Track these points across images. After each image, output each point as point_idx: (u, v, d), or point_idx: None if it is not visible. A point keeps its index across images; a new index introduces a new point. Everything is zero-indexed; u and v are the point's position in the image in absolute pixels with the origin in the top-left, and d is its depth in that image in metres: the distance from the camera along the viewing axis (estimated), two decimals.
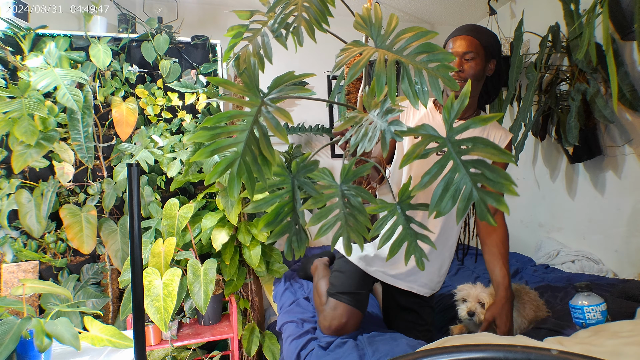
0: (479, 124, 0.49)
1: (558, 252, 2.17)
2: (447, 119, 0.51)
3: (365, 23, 0.57)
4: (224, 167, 0.52)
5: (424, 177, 0.51)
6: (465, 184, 0.48)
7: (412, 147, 0.52)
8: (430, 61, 0.53)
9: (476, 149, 0.48)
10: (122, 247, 1.90)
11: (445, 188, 0.49)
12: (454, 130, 0.52)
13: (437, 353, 0.28)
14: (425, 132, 0.53)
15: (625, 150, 1.90)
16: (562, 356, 0.26)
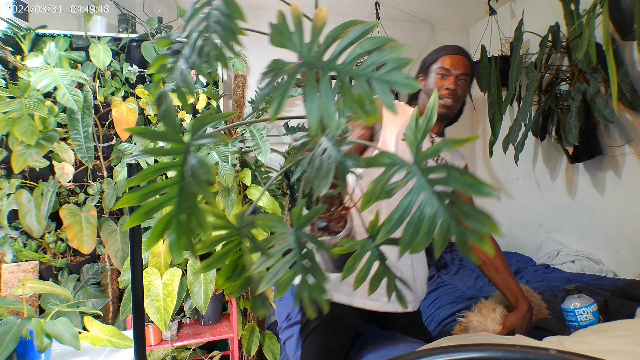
0: (450, 145, 0.42)
1: (558, 252, 2.17)
2: (412, 141, 0.43)
3: (283, 34, 0.43)
4: (160, 230, 0.45)
5: (393, 213, 0.44)
6: (441, 218, 0.41)
7: (373, 184, 0.44)
8: (374, 65, 0.42)
9: (451, 180, 0.41)
10: (122, 247, 1.90)
11: (417, 223, 0.42)
12: (422, 155, 0.43)
13: (436, 353, 0.28)
14: (389, 160, 0.44)
15: (625, 150, 1.90)
16: (560, 355, 0.26)
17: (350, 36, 0.42)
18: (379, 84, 0.40)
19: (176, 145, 0.46)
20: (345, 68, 0.41)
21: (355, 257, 0.54)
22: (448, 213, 0.41)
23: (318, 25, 0.44)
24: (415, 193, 0.43)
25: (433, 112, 0.45)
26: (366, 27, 0.42)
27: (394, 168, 0.44)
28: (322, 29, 0.44)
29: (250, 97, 2.57)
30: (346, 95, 0.40)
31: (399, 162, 0.44)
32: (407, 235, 0.42)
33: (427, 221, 0.42)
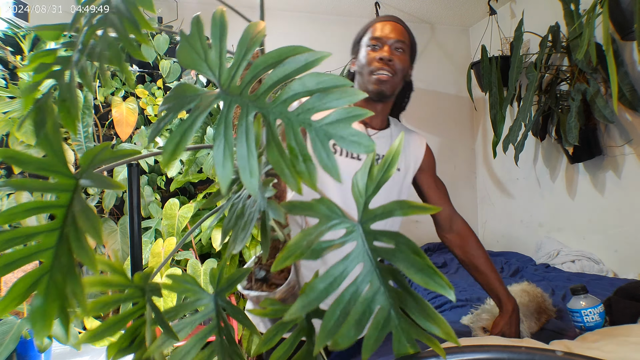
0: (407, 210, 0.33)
1: (558, 252, 2.17)
2: (360, 193, 0.34)
3: (195, 49, 0.32)
4: (22, 290, 0.32)
5: (317, 282, 0.33)
6: (380, 303, 0.32)
7: (299, 237, 0.33)
8: (314, 110, 0.30)
9: (398, 257, 0.32)
10: (122, 247, 1.89)
11: (347, 304, 0.32)
12: (370, 214, 0.34)
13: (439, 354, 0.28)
14: (326, 211, 0.33)
15: (625, 150, 1.90)
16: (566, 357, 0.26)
17: (289, 67, 0.31)
18: (318, 137, 0.29)
19: (62, 180, 0.34)
20: (276, 108, 0.30)
21: (278, 327, 0.40)
22: (390, 299, 0.32)
23: (248, 44, 0.32)
24: (352, 261, 0.33)
25: (394, 160, 0.34)
26: (311, 57, 0.30)
27: (331, 222, 0.33)
28: (252, 50, 0.32)
29: None
30: (271, 145, 0.29)
31: (340, 216, 0.33)
32: (332, 318, 0.32)
33: (362, 303, 0.32)
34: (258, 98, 0.31)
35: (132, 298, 0.40)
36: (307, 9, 2.69)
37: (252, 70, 0.32)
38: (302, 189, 0.29)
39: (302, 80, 0.30)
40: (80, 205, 0.34)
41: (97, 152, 0.35)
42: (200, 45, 0.33)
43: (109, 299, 0.38)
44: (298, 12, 2.72)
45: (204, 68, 0.32)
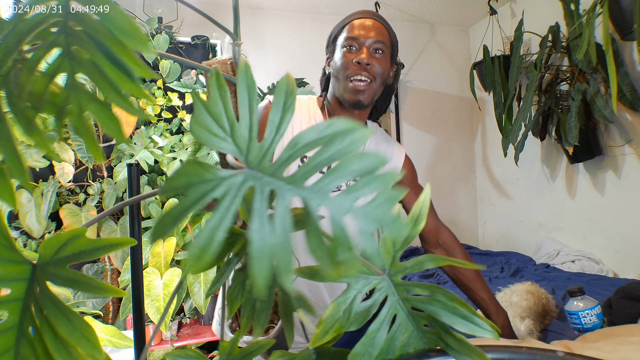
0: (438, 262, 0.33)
1: (558, 252, 2.17)
2: (388, 248, 0.33)
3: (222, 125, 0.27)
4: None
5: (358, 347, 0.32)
6: (416, 347, 0.33)
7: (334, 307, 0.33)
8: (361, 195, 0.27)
9: (436, 305, 0.32)
10: None
11: (386, 355, 0.32)
12: (400, 267, 0.33)
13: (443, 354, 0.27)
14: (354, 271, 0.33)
15: (625, 150, 1.90)
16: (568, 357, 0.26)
17: (335, 147, 0.26)
18: (364, 224, 0.25)
19: (12, 268, 0.27)
20: (318, 194, 0.26)
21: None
22: (425, 339, 0.32)
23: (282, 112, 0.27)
24: (387, 317, 0.33)
25: (422, 214, 0.33)
26: (356, 137, 0.26)
27: (361, 283, 0.32)
28: (287, 118, 0.27)
29: None
30: (312, 234, 0.25)
31: (367, 274, 0.32)
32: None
33: (399, 350, 0.32)
34: (296, 181, 0.26)
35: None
36: (307, 9, 2.69)
37: (290, 148, 0.26)
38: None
39: (346, 163, 0.26)
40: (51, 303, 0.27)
41: (63, 241, 0.26)
42: (226, 116, 0.26)
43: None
44: (298, 12, 2.72)
45: (229, 145, 0.26)
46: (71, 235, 0.27)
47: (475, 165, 3.05)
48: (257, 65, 2.64)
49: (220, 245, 0.24)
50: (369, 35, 0.92)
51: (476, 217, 3.03)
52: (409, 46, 2.90)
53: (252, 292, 0.37)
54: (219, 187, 0.25)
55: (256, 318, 0.36)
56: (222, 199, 0.25)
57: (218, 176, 0.25)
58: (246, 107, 0.27)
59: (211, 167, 0.25)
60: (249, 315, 0.36)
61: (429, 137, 2.95)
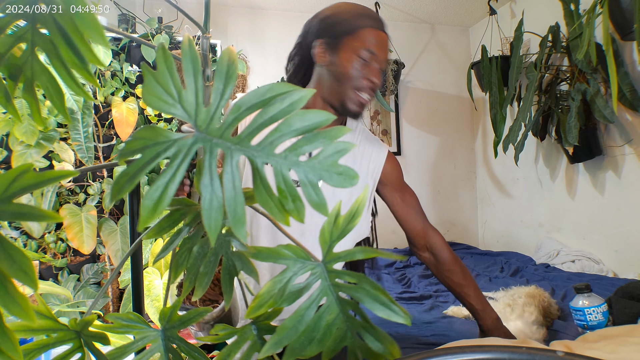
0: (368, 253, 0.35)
1: (558, 252, 2.17)
2: (326, 239, 0.35)
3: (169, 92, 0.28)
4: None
5: (288, 322, 0.36)
6: (338, 326, 0.36)
7: (270, 285, 0.35)
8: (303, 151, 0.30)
9: (361, 292, 0.35)
10: (122, 247, 1.89)
11: (312, 332, 0.35)
12: (333, 256, 0.36)
13: (441, 354, 0.28)
14: (292, 255, 0.35)
15: (625, 150, 1.90)
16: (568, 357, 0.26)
17: (275, 109, 0.29)
18: (308, 178, 0.29)
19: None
20: (262, 152, 0.29)
21: (231, 347, 0.42)
22: (348, 322, 0.36)
23: (225, 79, 0.29)
24: (316, 299, 0.36)
25: (359, 210, 0.35)
26: (296, 97, 0.29)
27: (297, 267, 0.35)
28: (230, 85, 0.29)
29: None
30: (259, 188, 0.29)
31: (304, 259, 0.36)
32: (298, 342, 0.35)
33: (324, 329, 0.36)
34: (242, 141, 0.29)
35: (62, 342, 0.37)
36: (307, 9, 2.69)
37: (234, 112, 0.29)
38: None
39: (288, 122, 0.29)
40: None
41: (12, 177, 0.27)
42: (173, 84, 0.28)
43: (37, 345, 0.35)
44: (298, 12, 2.72)
45: (178, 111, 0.29)
46: (20, 170, 0.27)
47: (476, 165, 3.05)
48: (257, 65, 2.64)
49: (170, 199, 0.27)
50: (383, 55, 0.90)
51: (476, 217, 3.03)
52: (409, 46, 2.91)
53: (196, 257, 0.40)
54: (170, 148, 0.28)
55: (198, 281, 0.39)
56: (173, 158, 0.28)
57: (170, 138, 0.28)
58: (191, 76, 0.29)
59: (164, 131, 0.28)
60: (191, 280, 0.39)
61: (429, 137, 2.95)
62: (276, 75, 2.62)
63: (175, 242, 0.42)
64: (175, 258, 0.41)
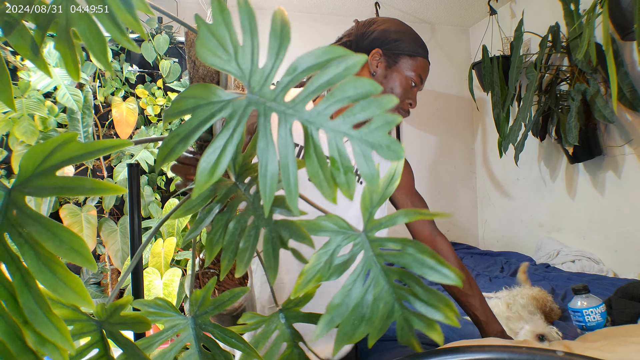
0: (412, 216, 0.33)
1: (558, 252, 2.17)
2: (367, 206, 0.34)
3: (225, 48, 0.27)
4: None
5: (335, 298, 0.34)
6: (386, 301, 0.34)
7: (315, 258, 0.34)
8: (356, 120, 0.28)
9: (407, 258, 0.33)
10: (122, 247, 1.89)
11: (360, 309, 0.33)
12: (374, 223, 0.34)
13: (442, 354, 0.28)
14: (334, 226, 0.34)
15: (625, 150, 1.90)
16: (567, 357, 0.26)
17: (331, 72, 0.28)
18: (361, 148, 0.28)
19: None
20: (317, 117, 0.27)
21: (259, 337, 0.40)
22: (394, 294, 0.34)
23: (280, 41, 0.28)
24: (362, 270, 0.34)
25: (396, 176, 0.34)
26: (351, 61, 0.27)
27: (340, 238, 0.34)
28: (285, 46, 0.29)
29: None
30: (312, 157, 0.27)
31: (346, 229, 0.34)
32: (348, 323, 0.33)
33: (371, 305, 0.34)
34: (297, 105, 0.28)
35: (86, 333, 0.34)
36: (307, 9, 2.69)
37: (290, 73, 0.28)
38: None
39: (343, 87, 0.27)
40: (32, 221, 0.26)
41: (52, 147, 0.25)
42: (230, 39, 0.26)
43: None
44: (298, 12, 2.73)
45: (233, 68, 0.27)
46: (61, 140, 0.25)
47: (476, 165, 3.05)
48: None
49: (228, 162, 0.26)
50: (423, 83, 0.98)
51: (476, 216, 3.03)
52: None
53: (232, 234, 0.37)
54: (225, 108, 0.26)
55: (239, 257, 0.36)
56: (229, 119, 0.26)
57: (224, 99, 0.26)
58: (248, 32, 0.28)
59: (217, 89, 0.27)
60: (230, 258, 0.37)
61: (429, 137, 2.95)
62: (276, 74, 2.61)
63: (207, 220, 0.39)
64: (209, 237, 0.38)
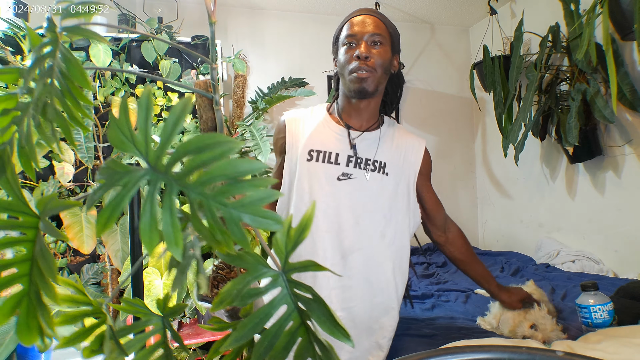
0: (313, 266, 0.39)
1: (558, 252, 2.17)
2: (281, 249, 0.39)
3: (125, 135, 0.36)
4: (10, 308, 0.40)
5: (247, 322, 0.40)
6: (301, 336, 0.40)
7: (231, 285, 0.39)
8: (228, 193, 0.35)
9: (312, 306, 0.39)
10: (122, 247, 1.89)
11: (273, 337, 0.40)
12: (291, 266, 0.40)
13: (442, 354, 0.28)
14: (253, 262, 0.40)
15: (625, 150, 1.90)
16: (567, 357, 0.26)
17: (206, 155, 0.34)
18: (232, 218, 0.34)
19: (27, 219, 0.40)
20: (197, 189, 0.34)
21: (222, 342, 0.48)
22: (308, 333, 0.39)
23: (171, 128, 0.35)
24: (277, 303, 0.40)
25: (307, 224, 0.38)
26: (225, 147, 0.33)
27: (257, 273, 0.40)
28: (176, 131, 0.35)
29: (250, 97, 2.57)
30: (194, 219, 0.35)
31: (264, 266, 0.40)
32: (262, 347, 0.39)
33: (286, 336, 0.39)
34: (180, 178, 0.35)
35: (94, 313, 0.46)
36: (307, 9, 2.69)
37: (175, 154, 0.35)
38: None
39: (220, 166, 0.34)
40: (39, 245, 0.40)
41: (48, 200, 0.39)
42: (127, 128, 0.36)
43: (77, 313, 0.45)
44: (298, 12, 2.72)
45: (132, 149, 0.35)
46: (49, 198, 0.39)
47: (476, 165, 3.05)
48: (257, 65, 2.64)
49: (117, 218, 0.35)
50: (365, 30, 0.97)
51: (476, 217, 3.03)
52: (409, 46, 2.90)
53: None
54: (124, 177, 0.35)
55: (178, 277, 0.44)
56: (124, 185, 0.35)
57: (126, 170, 0.35)
58: (143, 120, 0.36)
59: (123, 165, 0.36)
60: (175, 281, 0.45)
61: (429, 137, 2.95)
62: (276, 74, 2.62)
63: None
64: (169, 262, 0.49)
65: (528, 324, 1.05)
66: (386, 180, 1.04)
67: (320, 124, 1.07)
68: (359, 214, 1.02)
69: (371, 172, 1.02)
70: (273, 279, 0.40)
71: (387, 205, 1.03)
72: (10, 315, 0.40)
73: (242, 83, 2.50)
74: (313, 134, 1.05)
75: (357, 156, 1.02)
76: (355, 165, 1.01)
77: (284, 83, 2.56)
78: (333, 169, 1.01)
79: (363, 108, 1.04)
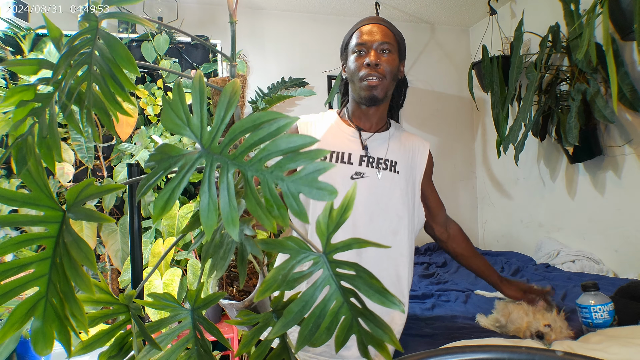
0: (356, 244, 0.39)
1: (558, 252, 2.17)
2: (323, 231, 0.39)
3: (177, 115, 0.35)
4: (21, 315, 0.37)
5: (293, 306, 0.39)
6: (344, 315, 0.39)
7: (274, 272, 0.39)
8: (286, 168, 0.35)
9: (358, 281, 0.39)
10: (122, 247, 1.89)
11: (318, 318, 0.39)
12: (333, 247, 0.40)
13: (442, 354, 0.28)
14: (295, 247, 0.40)
15: (625, 150, 1.90)
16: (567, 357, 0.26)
17: (263, 132, 0.35)
18: (290, 191, 0.34)
19: (50, 213, 0.37)
20: (253, 166, 0.34)
21: (254, 332, 0.49)
22: (352, 310, 0.39)
23: (226, 107, 0.36)
24: (319, 285, 0.40)
25: (350, 204, 0.38)
26: (282, 122, 0.34)
27: (300, 257, 0.39)
28: (230, 111, 0.35)
29: (250, 97, 2.57)
30: (250, 197, 0.34)
31: (306, 250, 0.40)
32: (307, 329, 0.39)
33: (330, 316, 0.39)
34: (236, 157, 0.35)
35: (117, 313, 0.46)
36: (307, 9, 2.69)
37: (230, 134, 0.36)
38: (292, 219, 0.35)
39: (275, 142, 0.34)
40: (71, 237, 0.37)
41: (81, 188, 0.37)
42: (183, 111, 0.36)
43: (99, 314, 0.44)
44: (298, 12, 2.72)
45: (187, 132, 0.36)
46: (86, 183, 0.37)
47: (476, 165, 3.05)
48: (257, 65, 2.64)
49: (176, 200, 0.35)
50: (375, 39, 1.02)
51: (476, 217, 3.03)
52: (409, 46, 2.89)
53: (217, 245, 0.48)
54: (180, 160, 0.35)
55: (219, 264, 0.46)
56: (180, 169, 0.35)
57: (180, 153, 0.35)
58: (198, 104, 0.36)
59: (176, 148, 0.36)
60: (213, 264, 0.47)
61: (429, 137, 2.95)
62: (276, 74, 2.62)
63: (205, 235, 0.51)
64: (204, 250, 0.50)
65: (544, 323, 1.05)
66: (397, 179, 1.08)
67: (332, 127, 1.11)
68: (372, 212, 1.05)
69: (383, 171, 1.06)
70: (314, 261, 0.40)
71: (399, 203, 1.07)
72: (24, 324, 0.36)
73: (242, 83, 2.50)
74: (326, 135, 1.10)
75: (369, 156, 1.06)
76: (368, 164, 1.05)
77: (284, 83, 2.56)
78: (346, 168, 1.05)
79: (372, 114, 1.09)
